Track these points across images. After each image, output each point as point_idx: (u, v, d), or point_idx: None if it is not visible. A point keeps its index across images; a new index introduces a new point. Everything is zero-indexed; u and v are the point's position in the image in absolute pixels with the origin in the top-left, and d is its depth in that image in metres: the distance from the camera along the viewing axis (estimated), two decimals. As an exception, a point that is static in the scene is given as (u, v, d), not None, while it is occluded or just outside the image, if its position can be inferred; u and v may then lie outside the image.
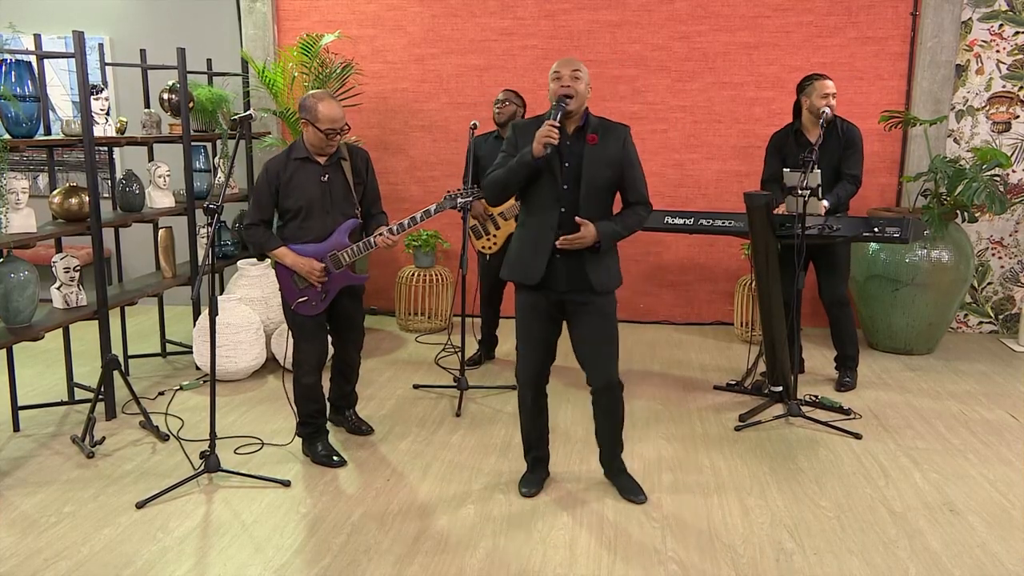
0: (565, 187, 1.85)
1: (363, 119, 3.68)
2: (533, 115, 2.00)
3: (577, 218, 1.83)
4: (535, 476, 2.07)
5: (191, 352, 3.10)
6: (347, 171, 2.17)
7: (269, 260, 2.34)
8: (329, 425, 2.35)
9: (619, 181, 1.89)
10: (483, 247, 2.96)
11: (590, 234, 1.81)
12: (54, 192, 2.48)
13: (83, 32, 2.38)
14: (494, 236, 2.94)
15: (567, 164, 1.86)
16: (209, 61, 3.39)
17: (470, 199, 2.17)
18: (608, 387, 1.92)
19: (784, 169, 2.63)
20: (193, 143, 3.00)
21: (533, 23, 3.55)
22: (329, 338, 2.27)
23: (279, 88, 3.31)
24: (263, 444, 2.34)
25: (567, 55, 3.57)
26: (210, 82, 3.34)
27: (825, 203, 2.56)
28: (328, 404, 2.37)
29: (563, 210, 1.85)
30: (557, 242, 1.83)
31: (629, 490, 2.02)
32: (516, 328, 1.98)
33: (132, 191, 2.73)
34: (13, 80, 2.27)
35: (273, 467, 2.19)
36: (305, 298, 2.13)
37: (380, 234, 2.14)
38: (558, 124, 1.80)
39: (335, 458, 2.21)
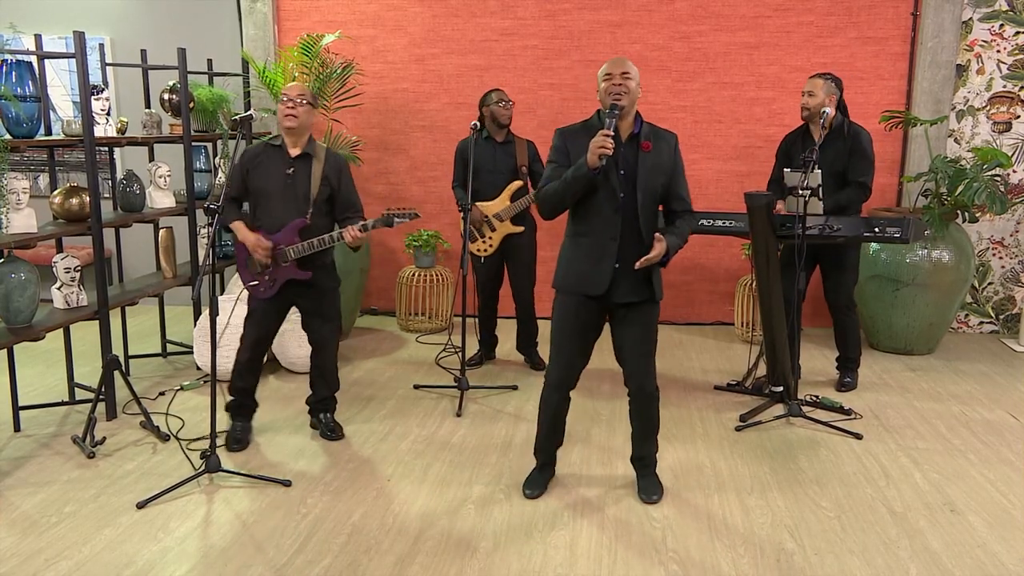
0: (622, 195, 1.83)
1: (364, 119, 3.68)
2: (531, 113, 1.99)
3: (656, 233, 1.83)
4: (541, 477, 2.06)
5: (192, 352, 3.11)
6: (315, 171, 2.20)
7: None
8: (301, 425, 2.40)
9: (668, 187, 1.89)
10: (478, 250, 2.95)
11: (663, 249, 1.81)
12: (55, 192, 2.48)
13: (84, 32, 2.38)
14: (489, 239, 2.93)
15: (622, 172, 1.84)
16: (210, 61, 3.39)
17: (404, 220, 2.18)
18: (643, 394, 1.93)
19: (784, 169, 2.62)
20: (194, 143, 3.00)
21: (534, 23, 3.55)
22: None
23: (279, 88, 3.31)
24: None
25: (568, 56, 3.59)
26: (211, 82, 3.34)
27: (821, 206, 2.54)
28: (307, 406, 2.42)
29: (622, 218, 1.83)
30: (636, 265, 1.80)
31: (645, 489, 2.01)
32: (552, 330, 1.94)
33: (133, 191, 2.73)
34: (14, 80, 2.27)
35: (274, 467, 2.20)
36: (256, 282, 2.20)
37: (348, 228, 2.17)
38: (612, 133, 1.76)
39: (235, 444, 2.28)
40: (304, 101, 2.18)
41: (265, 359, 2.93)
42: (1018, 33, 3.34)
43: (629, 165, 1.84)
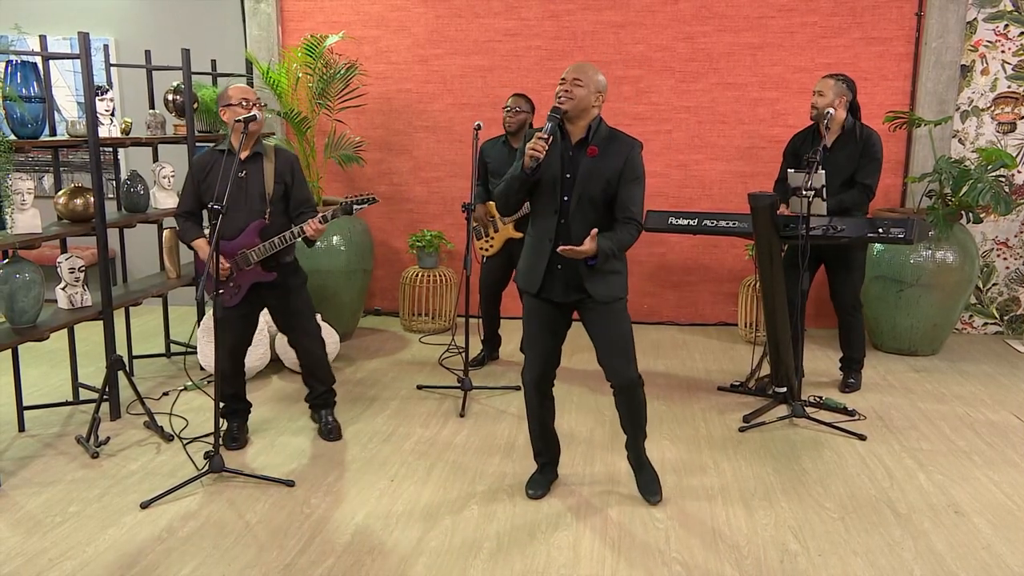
0: (565, 198, 1.85)
1: (367, 120, 3.68)
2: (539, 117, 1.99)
3: (594, 231, 1.79)
4: (543, 478, 2.07)
5: (195, 352, 3.11)
6: (268, 170, 2.19)
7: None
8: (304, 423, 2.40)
9: (615, 196, 1.85)
10: (481, 249, 2.97)
11: (589, 248, 1.79)
12: (59, 193, 2.49)
13: (88, 33, 2.39)
14: (492, 239, 2.94)
15: (567, 175, 1.85)
16: (213, 62, 3.40)
17: (364, 205, 2.15)
18: (626, 386, 1.92)
19: (789, 170, 2.62)
20: (197, 144, 3.00)
21: (537, 24, 3.55)
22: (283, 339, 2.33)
23: (283, 89, 3.31)
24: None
25: (571, 56, 3.58)
26: (214, 83, 3.34)
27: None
28: (307, 403, 2.43)
29: (561, 221, 1.85)
30: (558, 249, 1.81)
31: (646, 488, 2.02)
32: (523, 327, 1.99)
33: (137, 192, 2.74)
34: (19, 81, 2.28)
35: (277, 467, 2.20)
36: (221, 291, 2.19)
37: (309, 222, 2.15)
38: (547, 136, 1.77)
39: (232, 443, 2.29)
40: (260, 103, 2.19)
41: (267, 362, 2.97)
42: (1023, 33, 3.33)
43: (574, 170, 1.84)
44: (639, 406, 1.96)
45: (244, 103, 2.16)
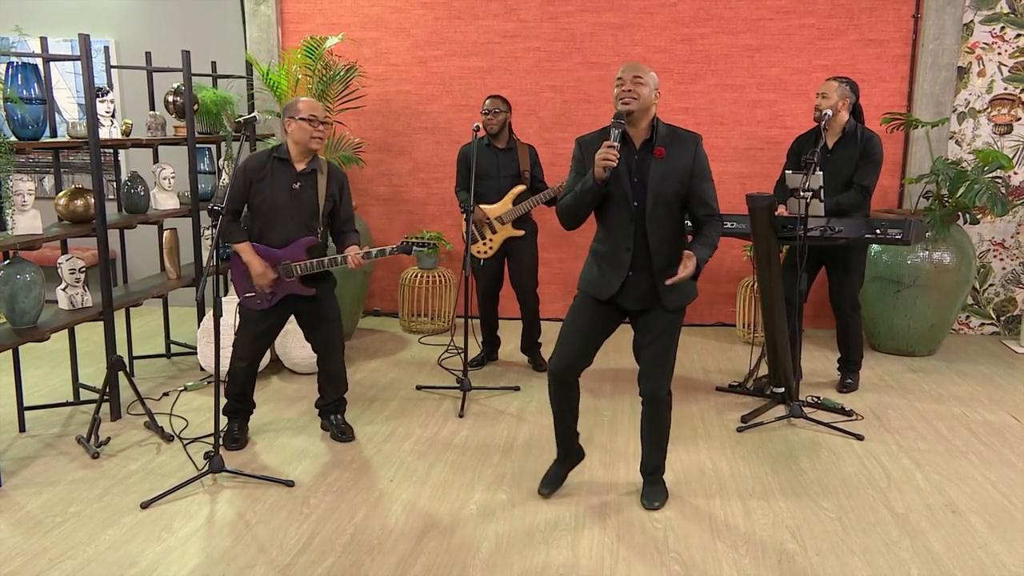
0: (636, 204, 1.81)
1: (367, 121, 3.69)
2: (532, 115, 1.98)
3: (685, 252, 1.77)
4: (558, 472, 2.04)
5: (195, 353, 3.12)
6: (321, 186, 2.20)
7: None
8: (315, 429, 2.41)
9: (688, 194, 1.82)
10: (478, 252, 2.96)
11: (691, 266, 1.76)
12: (60, 194, 2.49)
13: (89, 35, 2.39)
14: (490, 241, 2.94)
15: (635, 180, 1.80)
16: (214, 64, 3.40)
17: (424, 249, 2.16)
18: (653, 399, 1.91)
19: (787, 171, 2.63)
20: (198, 145, 3.02)
21: (536, 25, 3.56)
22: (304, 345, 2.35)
23: (283, 90, 3.32)
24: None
25: (570, 58, 3.60)
26: (214, 84, 3.35)
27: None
28: (317, 408, 2.43)
29: (636, 228, 1.81)
30: (667, 281, 1.77)
31: (647, 495, 2.00)
32: (565, 318, 1.94)
33: (137, 193, 2.74)
34: (19, 83, 2.28)
35: (277, 467, 2.20)
36: (253, 294, 2.19)
37: (353, 254, 2.17)
38: (615, 144, 1.74)
39: (232, 443, 2.30)
40: (327, 122, 2.20)
41: (267, 363, 2.97)
42: (1019, 35, 3.34)
43: (643, 173, 1.81)
44: (664, 422, 1.95)
45: (313, 120, 2.14)
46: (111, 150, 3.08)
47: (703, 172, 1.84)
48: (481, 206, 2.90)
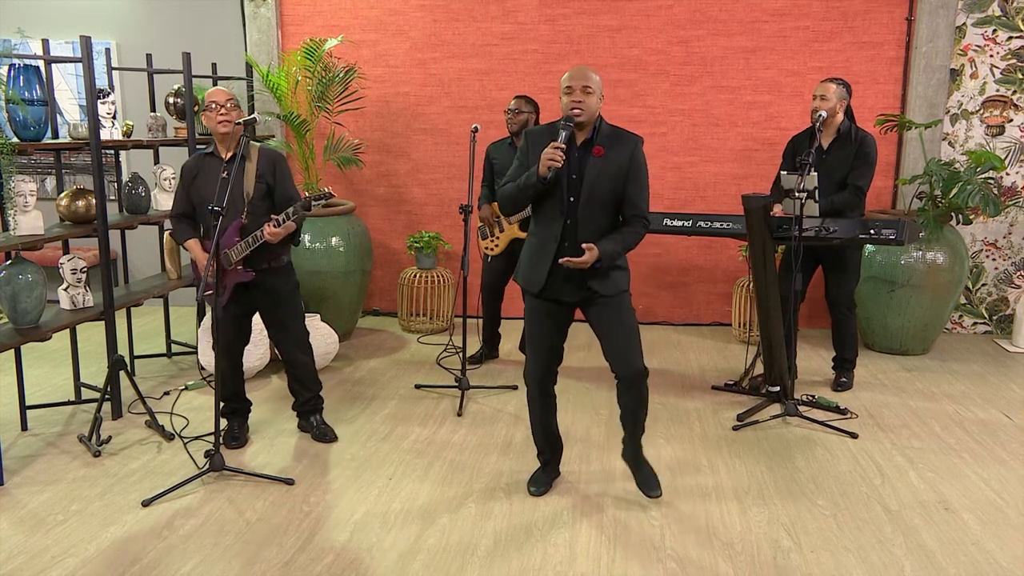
0: (571, 199, 1.85)
1: (366, 122, 3.71)
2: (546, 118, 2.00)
3: (583, 244, 1.81)
4: (545, 475, 2.08)
5: (196, 352, 3.13)
6: (249, 171, 2.20)
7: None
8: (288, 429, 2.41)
9: (622, 193, 1.87)
10: (486, 248, 3.01)
11: (591, 257, 1.81)
12: (61, 195, 2.51)
13: (90, 37, 2.40)
14: (497, 239, 2.98)
15: (573, 176, 1.85)
16: (214, 65, 3.42)
17: (320, 200, 2.11)
18: (632, 376, 1.92)
19: (781, 172, 2.65)
20: (198, 146, 3.03)
21: (534, 27, 3.58)
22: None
23: (283, 92, 3.34)
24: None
25: (567, 60, 3.62)
26: (215, 86, 3.37)
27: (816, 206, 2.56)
28: (294, 412, 2.43)
29: (567, 222, 1.86)
30: (560, 261, 1.83)
31: (645, 483, 2.03)
32: (524, 327, 2.00)
33: (138, 194, 2.76)
34: (21, 84, 2.30)
35: (277, 466, 2.22)
36: (210, 291, 2.20)
37: (266, 225, 2.13)
38: (563, 145, 1.78)
39: (232, 442, 2.31)
40: (233, 105, 2.19)
41: (266, 362, 2.99)
42: (1011, 38, 3.37)
43: (581, 170, 1.85)
44: (643, 399, 1.96)
45: (215, 105, 2.17)
46: (112, 151, 3.10)
47: (638, 174, 1.88)
48: (493, 204, 2.94)
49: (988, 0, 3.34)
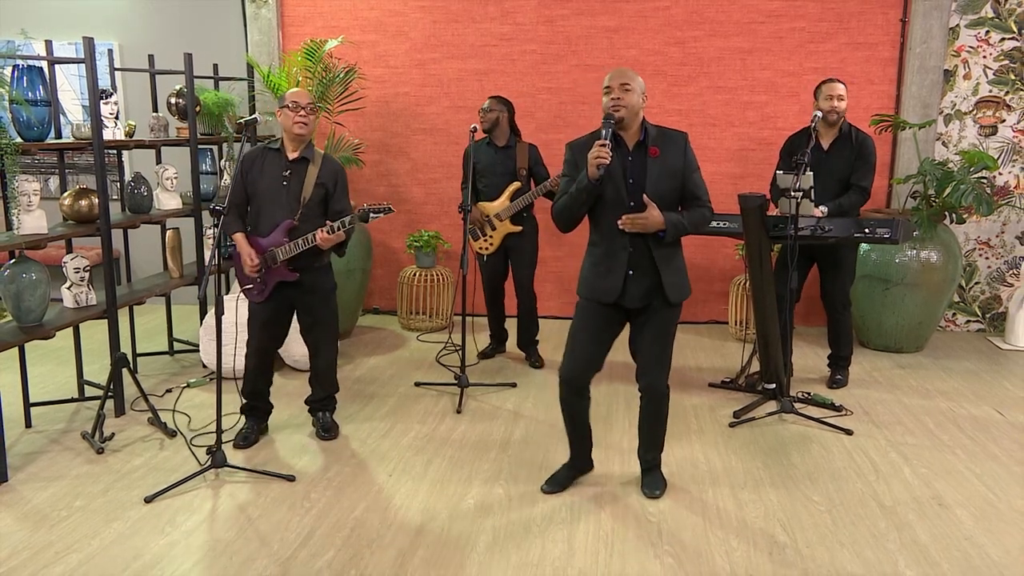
0: (632, 204, 1.85)
1: (366, 122, 3.73)
2: (530, 116, 2.01)
3: (645, 196, 1.80)
4: (563, 477, 2.06)
5: (198, 350, 3.15)
6: (310, 174, 2.23)
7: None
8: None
9: (682, 189, 1.88)
10: (480, 248, 3.03)
11: (654, 218, 1.80)
12: (65, 194, 2.52)
13: (93, 38, 2.42)
14: (490, 237, 3.00)
15: (631, 180, 1.85)
16: (215, 66, 3.44)
17: (380, 214, 2.14)
18: (652, 392, 1.95)
19: (777, 171, 2.68)
20: (200, 146, 3.06)
21: (532, 28, 3.61)
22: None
23: (283, 92, 3.36)
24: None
25: (565, 60, 3.65)
26: (216, 87, 3.38)
27: (823, 209, 2.58)
28: (307, 405, 2.45)
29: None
30: (619, 222, 1.80)
31: (649, 484, 2.04)
32: (571, 325, 1.96)
33: (140, 193, 2.77)
34: (25, 85, 2.31)
35: (278, 463, 2.23)
36: (250, 286, 2.22)
37: (319, 230, 2.16)
38: (607, 142, 1.77)
39: (241, 442, 2.31)
40: (312, 108, 2.22)
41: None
42: (1003, 39, 3.40)
43: (637, 173, 1.85)
44: (662, 416, 2.00)
45: (295, 105, 2.18)
46: (115, 151, 3.10)
47: (693, 166, 1.92)
48: (480, 204, 2.96)
49: (981, 2, 3.37)
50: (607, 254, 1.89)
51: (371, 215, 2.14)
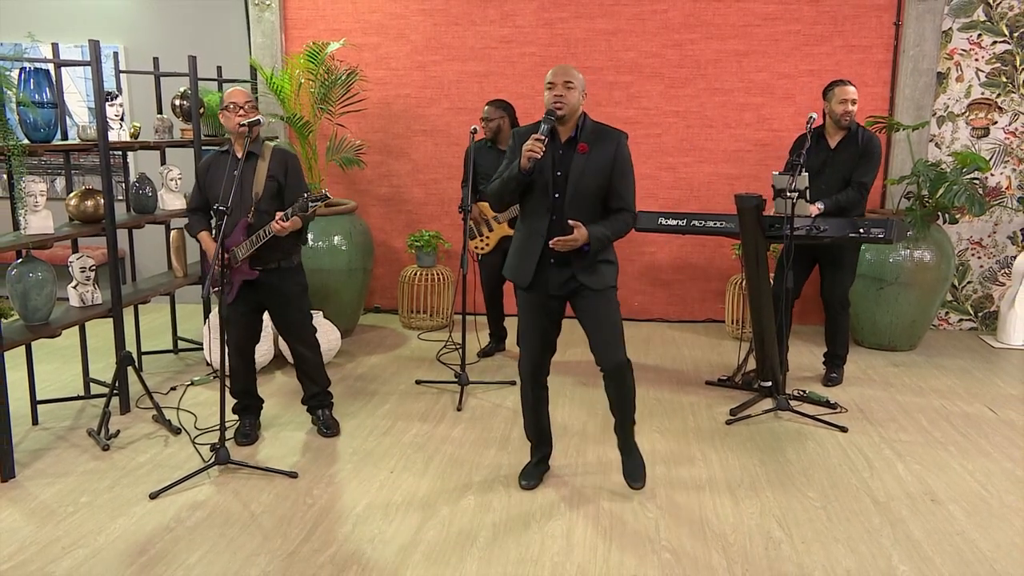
0: (556, 195, 1.89)
1: (367, 124, 3.76)
2: (529, 118, 2.06)
3: (570, 220, 1.86)
4: (536, 469, 2.12)
5: (202, 349, 3.17)
6: (260, 169, 2.23)
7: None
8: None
9: (608, 188, 1.90)
10: (476, 247, 3.05)
11: (581, 235, 1.85)
12: (71, 195, 2.54)
13: (99, 41, 2.44)
14: (487, 238, 3.03)
15: (559, 173, 1.88)
16: (219, 68, 3.45)
17: (317, 203, 2.13)
18: (615, 368, 1.96)
19: (773, 172, 2.72)
20: (204, 147, 3.06)
21: (531, 31, 3.64)
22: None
23: (286, 94, 3.39)
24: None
25: (565, 62, 3.66)
26: (220, 88, 3.39)
27: (819, 206, 2.60)
28: (304, 405, 2.47)
29: (553, 217, 1.89)
30: (550, 243, 1.87)
31: (631, 474, 2.07)
32: (517, 323, 2.04)
33: (145, 194, 2.79)
34: (32, 87, 2.32)
35: (281, 459, 2.25)
36: (217, 288, 2.23)
37: (275, 220, 2.14)
38: (543, 137, 1.81)
39: (243, 439, 2.34)
40: (252, 106, 2.22)
41: (270, 358, 3.04)
42: (995, 43, 3.43)
43: (565, 167, 1.88)
44: (628, 390, 2.01)
45: (233, 106, 2.20)
46: (120, 152, 3.12)
47: (623, 168, 1.91)
48: (480, 204, 2.99)
49: (973, 6, 3.41)
50: (527, 241, 1.94)
51: (310, 204, 2.12)
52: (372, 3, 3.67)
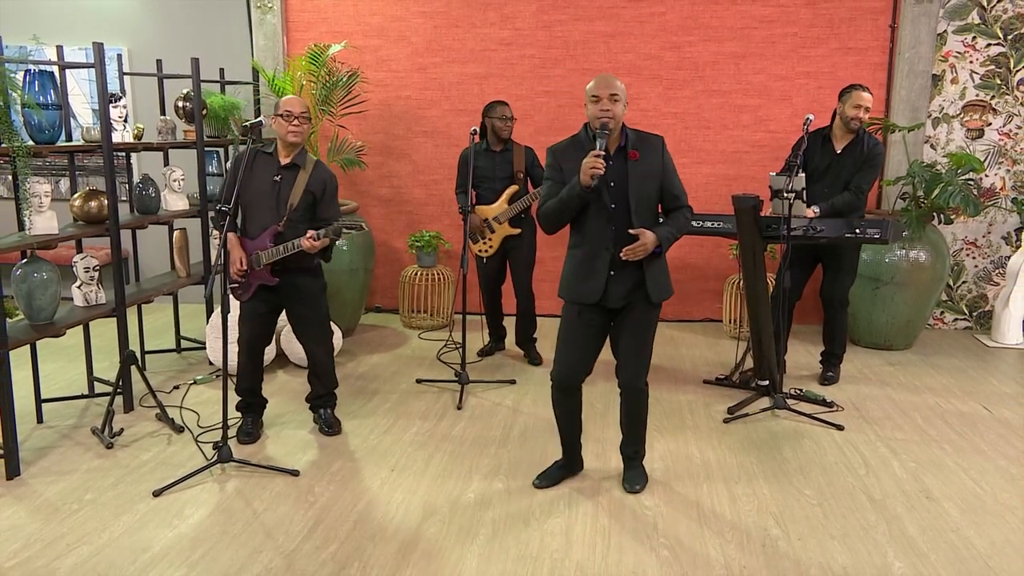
0: (613, 206, 1.88)
1: (368, 125, 3.78)
2: (529, 118, 2.04)
3: (631, 230, 1.86)
4: (556, 473, 2.10)
5: (204, 348, 3.17)
6: (300, 180, 2.24)
7: None
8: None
9: (661, 190, 1.93)
10: (480, 251, 3.07)
11: (650, 240, 1.86)
12: (75, 195, 2.55)
13: (103, 43, 2.46)
14: (489, 240, 3.05)
15: (612, 183, 1.88)
16: (222, 70, 3.46)
17: (352, 231, 2.17)
18: (630, 390, 1.99)
19: (770, 173, 2.75)
20: (206, 148, 3.09)
21: (531, 34, 3.66)
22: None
23: (288, 96, 3.41)
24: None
25: (563, 64, 3.70)
26: (222, 90, 3.41)
27: (815, 210, 2.62)
28: (307, 403, 2.49)
29: (614, 228, 1.89)
30: (621, 254, 1.86)
31: (630, 480, 2.07)
32: (559, 330, 2.00)
33: (148, 194, 2.80)
34: (36, 89, 2.33)
35: (283, 458, 2.27)
36: (236, 285, 2.25)
37: (306, 236, 2.17)
38: (602, 153, 1.80)
39: (245, 437, 2.35)
40: (306, 118, 2.23)
41: (272, 357, 3.06)
42: (989, 45, 3.45)
43: (618, 176, 1.90)
44: (641, 413, 2.03)
45: (288, 115, 2.21)
46: (124, 153, 3.13)
47: (671, 168, 1.96)
48: (479, 207, 3.00)
49: (968, 8, 3.44)
50: (589, 256, 1.92)
51: (344, 230, 2.18)
52: (373, 6, 3.70)
